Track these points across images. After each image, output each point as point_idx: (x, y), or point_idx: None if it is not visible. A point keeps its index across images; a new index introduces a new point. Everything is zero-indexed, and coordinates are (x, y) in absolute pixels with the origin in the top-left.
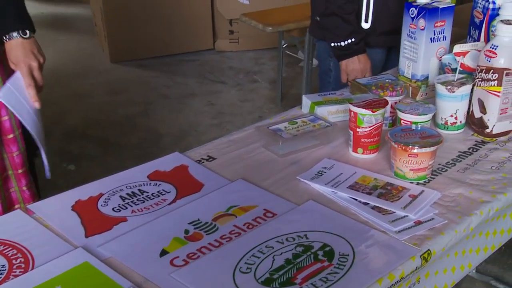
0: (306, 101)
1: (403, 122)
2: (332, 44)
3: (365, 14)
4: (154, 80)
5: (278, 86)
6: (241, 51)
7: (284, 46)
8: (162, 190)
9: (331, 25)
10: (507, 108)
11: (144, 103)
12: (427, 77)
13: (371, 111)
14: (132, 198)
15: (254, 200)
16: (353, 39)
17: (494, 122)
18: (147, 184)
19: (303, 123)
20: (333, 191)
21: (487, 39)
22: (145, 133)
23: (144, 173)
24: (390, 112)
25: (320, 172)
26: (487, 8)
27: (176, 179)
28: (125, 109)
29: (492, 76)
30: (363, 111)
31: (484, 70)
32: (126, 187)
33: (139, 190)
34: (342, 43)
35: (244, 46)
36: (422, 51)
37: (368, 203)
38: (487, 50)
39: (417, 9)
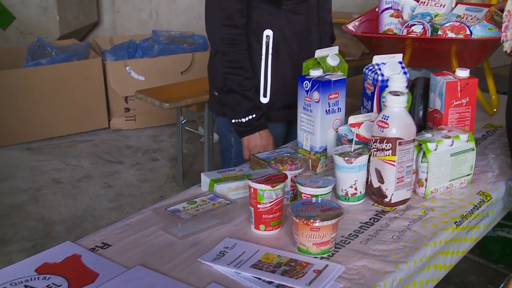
0: (204, 179)
1: (304, 196)
2: (233, 121)
3: (263, 89)
4: (44, 164)
5: (179, 164)
6: (139, 128)
7: (183, 122)
8: (52, 284)
9: (231, 102)
10: (403, 176)
11: (33, 189)
12: (325, 149)
13: (271, 186)
14: None
15: (153, 287)
16: (253, 115)
17: (392, 191)
18: (35, 279)
19: (203, 202)
20: (236, 272)
21: (380, 110)
22: (35, 223)
23: (31, 267)
24: (291, 186)
25: (222, 253)
26: (377, 80)
27: (68, 270)
28: (11, 198)
29: (386, 145)
30: (263, 186)
31: (378, 140)
32: (10, 284)
33: (26, 286)
34: (243, 120)
35: (142, 124)
36: (319, 123)
37: (273, 282)
38: (379, 121)
39: (310, 82)
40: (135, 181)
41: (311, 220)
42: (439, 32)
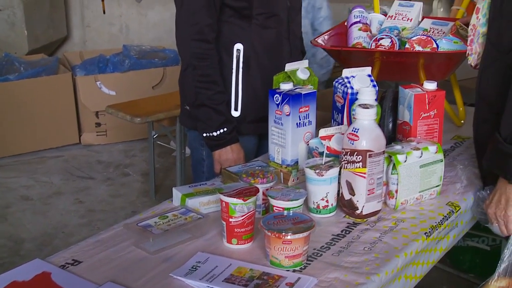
0: (176, 193)
1: (275, 209)
2: (204, 135)
3: (234, 102)
4: (13, 181)
5: (151, 178)
6: (110, 143)
7: (154, 136)
8: None
9: (202, 116)
10: (373, 188)
11: (1, 207)
12: (297, 162)
13: (242, 199)
14: None
15: None
16: (225, 129)
17: (363, 203)
18: None
19: (174, 217)
20: (208, 286)
21: (350, 122)
22: (3, 241)
23: None
24: (263, 199)
25: (194, 267)
26: (347, 93)
27: None
28: None
29: (356, 158)
30: (234, 200)
31: (349, 152)
32: None
33: None
34: (214, 133)
35: (113, 139)
36: (290, 136)
37: None
38: (349, 133)
39: (281, 96)
40: (107, 196)
41: (283, 233)
42: (407, 46)
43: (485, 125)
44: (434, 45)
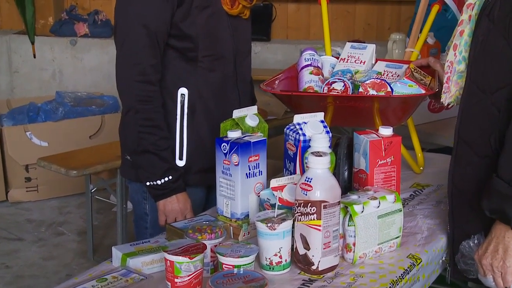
0: (116, 253)
1: (225, 267)
2: (148, 184)
3: (179, 151)
4: None
5: (89, 237)
6: (42, 200)
7: (92, 190)
8: None
9: (145, 163)
10: (329, 241)
11: None
12: (247, 215)
13: (189, 258)
14: None
15: None
16: (170, 177)
17: (319, 258)
18: None
19: (114, 279)
20: None
21: (303, 171)
22: None
23: None
24: (211, 256)
25: None
26: (299, 140)
27: None
28: None
29: (310, 209)
30: (180, 258)
31: (302, 203)
32: None
33: None
34: (159, 182)
35: (45, 194)
36: (239, 188)
37: None
38: (302, 183)
39: (228, 144)
40: (38, 259)
41: None
42: (360, 90)
43: (468, 168)
44: (389, 89)
